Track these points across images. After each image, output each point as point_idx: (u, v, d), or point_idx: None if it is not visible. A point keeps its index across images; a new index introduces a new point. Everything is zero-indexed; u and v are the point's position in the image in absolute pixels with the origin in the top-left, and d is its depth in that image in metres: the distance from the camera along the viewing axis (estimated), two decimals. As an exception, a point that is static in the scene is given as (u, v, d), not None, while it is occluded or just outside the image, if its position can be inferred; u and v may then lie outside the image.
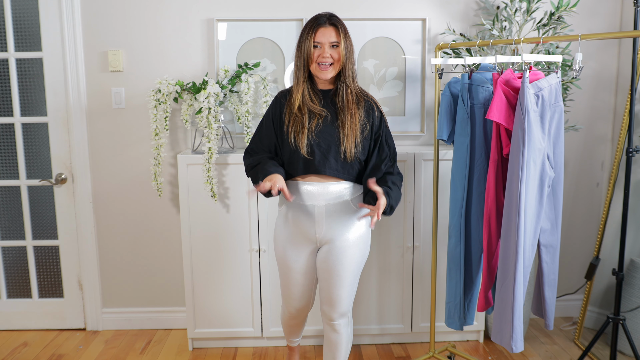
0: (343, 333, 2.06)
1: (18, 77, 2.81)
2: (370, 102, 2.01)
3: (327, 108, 1.95)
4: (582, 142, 2.97)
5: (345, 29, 1.95)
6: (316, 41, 1.90)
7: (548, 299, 2.14)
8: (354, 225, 1.98)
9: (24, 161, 2.87)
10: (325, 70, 1.91)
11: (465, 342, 2.82)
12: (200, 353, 2.73)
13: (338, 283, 1.98)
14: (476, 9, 2.80)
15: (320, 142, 1.92)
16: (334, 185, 1.95)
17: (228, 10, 2.76)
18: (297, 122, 1.93)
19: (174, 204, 2.90)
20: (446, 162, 2.58)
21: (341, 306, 2.01)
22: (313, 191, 1.95)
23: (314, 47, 1.91)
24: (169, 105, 2.60)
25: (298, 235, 2.01)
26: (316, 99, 1.96)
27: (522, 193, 1.88)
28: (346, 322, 2.06)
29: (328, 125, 1.94)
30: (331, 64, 1.91)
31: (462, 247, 2.22)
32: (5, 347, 2.80)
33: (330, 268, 1.98)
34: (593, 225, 3.06)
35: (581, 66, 1.89)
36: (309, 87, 1.96)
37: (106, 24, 2.76)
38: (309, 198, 1.96)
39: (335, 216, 1.96)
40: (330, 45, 1.90)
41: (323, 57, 1.89)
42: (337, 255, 1.97)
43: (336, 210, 1.96)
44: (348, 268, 1.98)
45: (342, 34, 1.92)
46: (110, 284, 2.98)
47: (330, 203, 1.95)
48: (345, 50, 1.92)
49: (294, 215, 1.99)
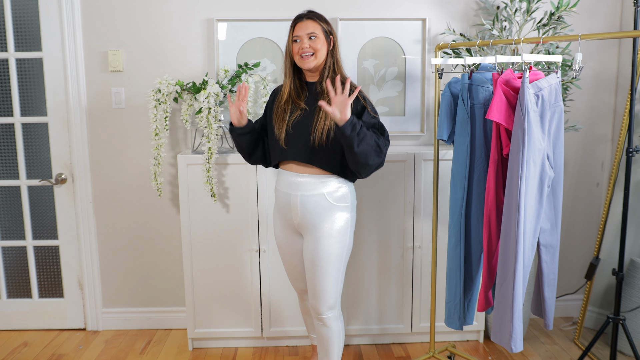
0: (333, 327, 2.10)
1: (18, 77, 2.81)
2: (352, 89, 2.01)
3: (310, 101, 2.04)
4: (582, 142, 2.97)
5: (325, 21, 2.03)
6: (295, 35, 2.00)
7: (548, 299, 2.14)
8: (329, 218, 2.03)
9: (24, 161, 2.87)
10: (306, 59, 1.99)
11: (465, 342, 2.82)
12: (200, 353, 2.74)
13: (319, 274, 2.04)
14: (476, 9, 2.80)
15: (295, 131, 2.02)
16: (311, 177, 2.02)
17: (228, 10, 2.76)
18: (280, 115, 2.06)
19: (174, 204, 2.90)
20: (446, 162, 2.58)
21: (326, 298, 2.06)
22: (291, 181, 2.06)
23: (294, 42, 2.01)
24: (169, 105, 2.60)
25: (283, 221, 2.15)
26: (302, 93, 2.06)
27: (522, 193, 1.88)
28: (335, 316, 2.10)
29: (307, 116, 2.02)
30: (312, 54, 1.99)
31: (462, 247, 2.22)
32: (5, 347, 2.80)
33: (310, 259, 2.06)
34: (593, 225, 3.06)
35: (581, 66, 1.89)
36: (297, 81, 2.07)
37: (106, 24, 2.76)
38: (288, 187, 2.07)
39: (309, 207, 2.03)
40: (308, 37, 1.98)
41: (302, 49, 1.98)
42: (315, 246, 2.04)
43: (310, 202, 2.02)
44: (326, 259, 2.03)
45: (320, 25, 2.00)
46: (110, 284, 2.98)
47: (305, 194, 2.03)
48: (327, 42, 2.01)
49: (278, 202, 2.15)
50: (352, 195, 2.10)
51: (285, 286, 2.68)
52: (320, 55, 1.99)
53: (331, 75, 2.02)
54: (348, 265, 2.66)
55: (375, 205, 2.64)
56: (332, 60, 2.02)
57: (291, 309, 2.71)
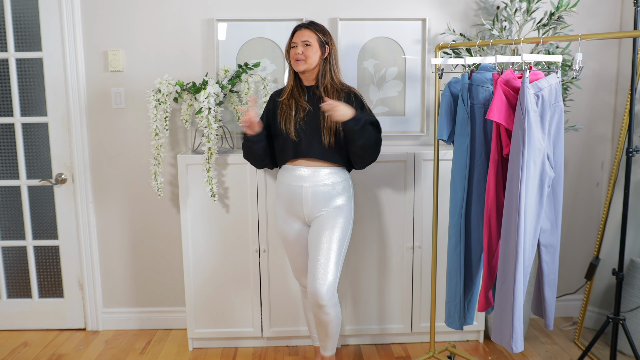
0: (331, 313, 2.19)
1: (18, 77, 2.81)
2: (350, 93, 2.24)
3: (311, 102, 2.23)
4: (582, 142, 2.97)
5: (323, 32, 2.22)
6: (293, 41, 2.22)
7: (548, 299, 2.14)
8: (334, 205, 2.23)
9: (24, 161, 2.87)
10: (297, 63, 2.19)
11: (465, 342, 2.82)
12: (200, 353, 2.74)
13: (322, 254, 2.16)
14: (476, 9, 2.80)
15: (306, 129, 2.20)
16: (321, 169, 2.21)
17: (228, 10, 2.76)
18: (286, 112, 2.24)
19: (174, 204, 2.90)
20: (446, 162, 2.58)
21: (326, 278, 2.14)
22: (302, 174, 2.22)
23: (291, 48, 2.22)
24: (169, 105, 2.59)
25: (289, 212, 2.28)
26: (302, 95, 2.25)
27: (522, 193, 1.88)
28: (334, 302, 2.19)
29: (311, 117, 2.21)
30: (303, 60, 2.18)
31: (462, 247, 2.22)
32: (5, 347, 2.80)
33: (315, 237, 2.20)
34: (593, 225, 3.06)
35: (581, 66, 1.89)
36: (297, 83, 2.27)
37: (106, 24, 2.76)
38: (298, 180, 2.23)
39: (320, 196, 2.21)
40: (303, 45, 2.18)
41: (296, 54, 2.19)
42: (321, 228, 2.20)
43: (320, 192, 2.21)
44: (330, 240, 2.18)
45: (315, 35, 2.19)
46: (110, 284, 2.98)
47: (317, 184, 2.21)
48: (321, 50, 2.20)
49: (284, 195, 2.27)
50: (352, 186, 2.32)
51: (286, 286, 2.68)
52: (311, 61, 2.19)
53: (328, 81, 2.22)
54: (348, 265, 2.66)
55: (375, 205, 2.64)
56: (328, 68, 2.22)
57: (291, 309, 2.72)
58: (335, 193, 2.22)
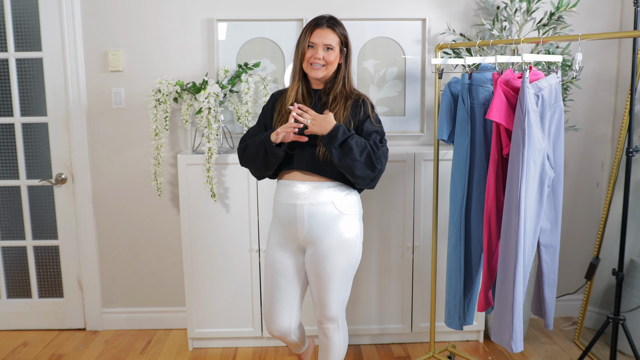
0: (333, 338, 2.04)
1: (18, 77, 2.81)
2: (359, 100, 1.97)
3: (315, 109, 1.95)
4: (582, 142, 2.97)
5: (344, 34, 1.96)
6: (311, 41, 1.91)
7: (548, 299, 2.14)
8: (337, 230, 1.94)
9: (24, 161, 2.87)
10: (316, 70, 1.92)
11: (465, 342, 2.82)
12: (200, 353, 2.73)
13: (323, 288, 1.97)
14: (476, 9, 2.80)
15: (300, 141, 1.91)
16: (317, 184, 1.92)
17: (228, 10, 2.76)
18: (285, 117, 1.96)
19: (174, 204, 2.90)
20: (446, 162, 2.58)
21: (328, 311, 1.99)
22: (295, 190, 1.94)
23: (308, 47, 1.92)
24: (169, 105, 2.60)
25: (285, 234, 2.00)
26: (308, 99, 1.98)
27: (522, 193, 1.88)
28: (335, 328, 2.04)
29: None
30: (323, 65, 1.92)
31: (462, 247, 2.22)
32: (5, 347, 2.80)
33: (314, 272, 1.97)
34: (593, 225, 3.06)
35: (581, 66, 1.89)
36: (304, 86, 1.98)
37: (106, 24, 2.76)
38: (292, 197, 1.94)
39: (317, 218, 1.92)
40: (325, 48, 1.91)
41: (315, 58, 1.91)
42: (320, 259, 1.94)
43: (318, 212, 1.92)
44: (331, 274, 1.95)
45: (339, 37, 1.94)
46: (110, 284, 2.98)
47: (312, 203, 1.91)
48: (340, 54, 1.95)
49: (280, 213, 1.99)
50: (360, 204, 2.03)
51: (285, 286, 2.68)
52: (331, 68, 1.93)
53: (340, 88, 1.95)
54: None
55: (375, 205, 2.64)
56: (342, 74, 1.96)
57: (291, 309, 2.71)
58: (336, 214, 1.92)
